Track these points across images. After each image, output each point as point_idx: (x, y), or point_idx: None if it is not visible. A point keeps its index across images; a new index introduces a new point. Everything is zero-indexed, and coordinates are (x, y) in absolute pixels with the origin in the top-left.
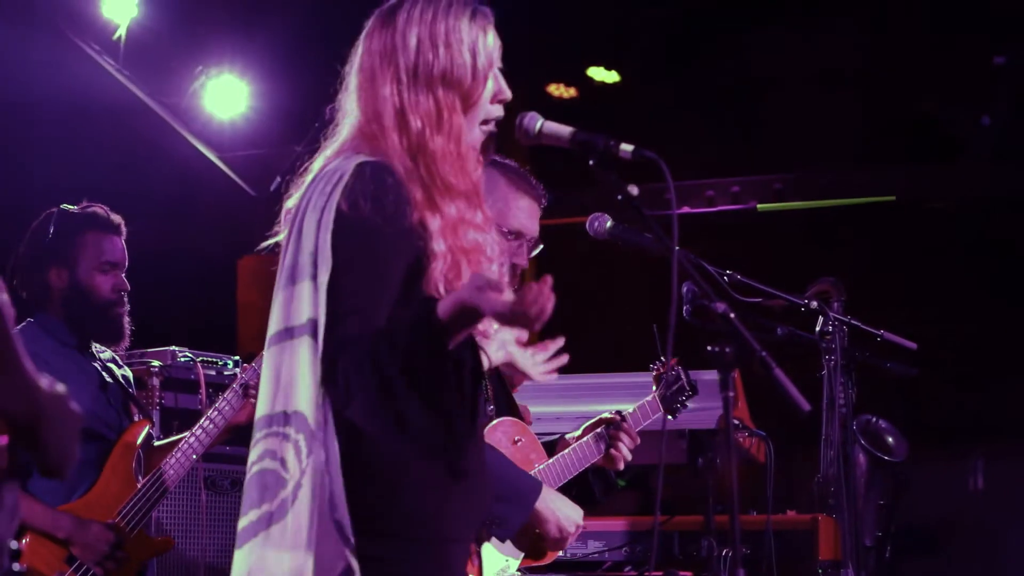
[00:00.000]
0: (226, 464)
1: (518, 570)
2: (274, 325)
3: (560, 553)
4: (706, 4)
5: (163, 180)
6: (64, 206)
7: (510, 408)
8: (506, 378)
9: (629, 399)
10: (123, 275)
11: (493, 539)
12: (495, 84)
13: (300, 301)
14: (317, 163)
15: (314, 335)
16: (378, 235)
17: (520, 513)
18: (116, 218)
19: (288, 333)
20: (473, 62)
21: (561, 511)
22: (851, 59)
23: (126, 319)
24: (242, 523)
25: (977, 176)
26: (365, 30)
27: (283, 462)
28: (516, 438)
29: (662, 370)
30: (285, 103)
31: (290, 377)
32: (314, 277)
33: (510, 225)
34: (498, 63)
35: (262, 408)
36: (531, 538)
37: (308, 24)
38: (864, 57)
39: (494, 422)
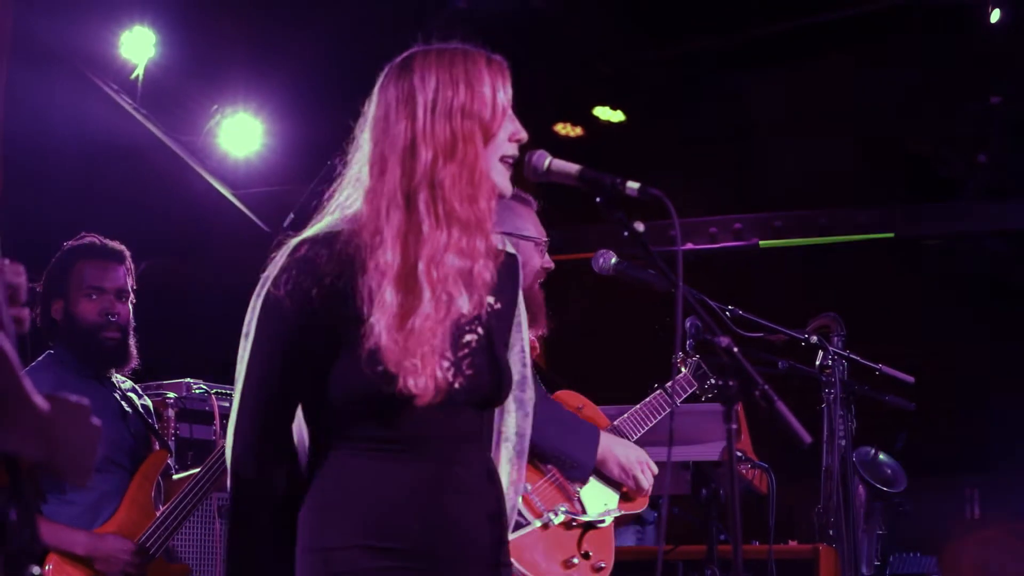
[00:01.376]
0: None
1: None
2: None
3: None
4: (708, 46)
5: (179, 216)
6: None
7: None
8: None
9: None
10: (117, 299)
11: (592, 480)
12: (512, 124)
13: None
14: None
15: None
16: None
17: (587, 456)
18: (114, 245)
19: None
20: (493, 97)
21: (620, 451)
22: (849, 100)
23: (129, 342)
24: None
25: (973, 213)
26: (379, 83)
27: None
28: (578, 406)
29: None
30: (299, 141)
31: None
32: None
33: (535, 233)
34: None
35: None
36: (612, 481)
37: (322, 63)
38: (863, 98)
39: (553, 393)
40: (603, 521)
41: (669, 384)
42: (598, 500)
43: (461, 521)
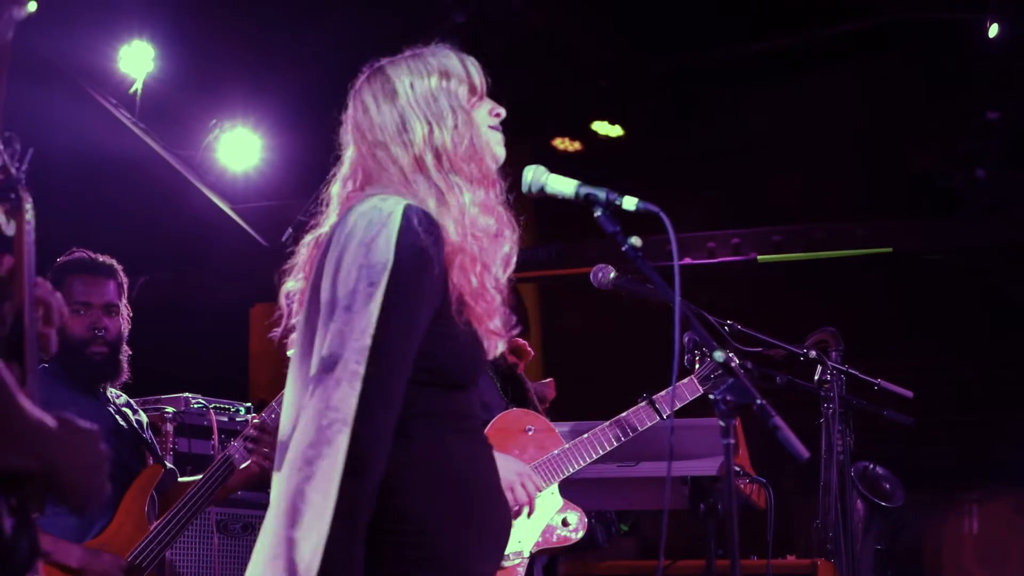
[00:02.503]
0: (238, 508)
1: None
2: (320, 352)
3: (572, 538)
4: (708, 61)
5: (178, 231)
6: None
7: (520, 401)
8: (522, 377)
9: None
10: (105, 314)
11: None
12: (488, 103)
13: (332, 336)
14: (333, 203)
15: (334, 366)
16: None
17: None
18: (104, 260)
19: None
20: (466, 73)
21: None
22: (849, 115)
23: (119, 357)
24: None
25: (972, 228)
26: (352, 92)
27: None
28: (527, 427)
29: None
30: (297, 155)
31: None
32: (354, 311)
33: None
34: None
35: (302, 441)
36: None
37: (320, 78)
38: (862, 113)
39: (504, 412)
40: (508, 559)
41: (657, 395)
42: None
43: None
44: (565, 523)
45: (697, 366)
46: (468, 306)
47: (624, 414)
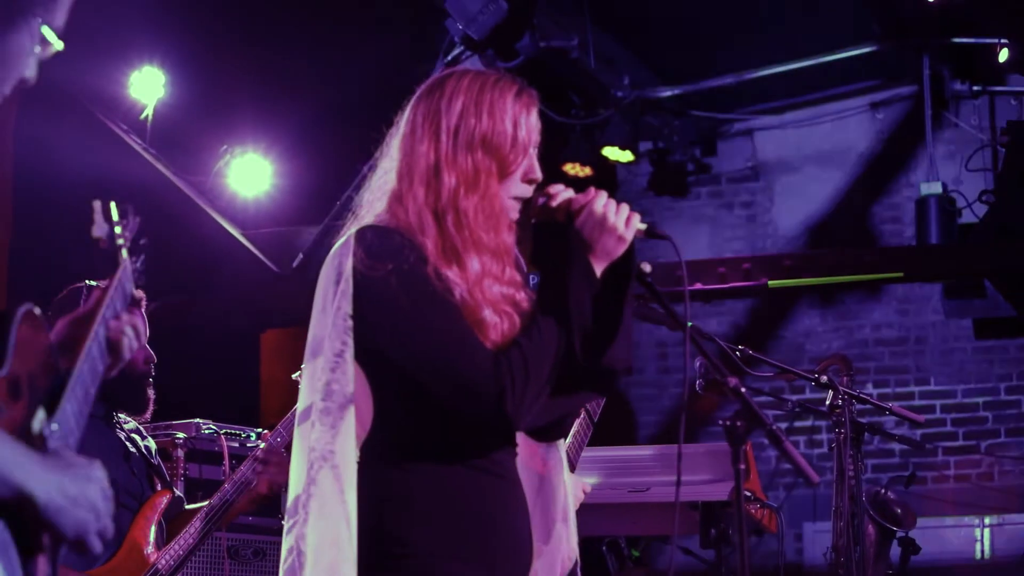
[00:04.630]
0: (249, 534)
1: None
2: (301, 402)
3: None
4: (717, 87)
5: (188, 256)
6: (90, 282)
7: None
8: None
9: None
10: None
11: None
12: (528, 162)
13: (307, 384)
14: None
15: (310, 410)
16: (411, 287)
17: None
18: (138, 293)
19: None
20: (514, 133)
21: None
22: (860, 140)
23: (151, 390)
24: None
25: (983, 252)
26: (413, 98)
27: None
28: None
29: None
30: (307, 181)
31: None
32: (318, 353)
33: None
34: (536, 141)
35: (295, 489)
36: None
37: (331, 103)
38: (872, 138)
39: None
40: None
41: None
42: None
43: None
44: None
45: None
46: None
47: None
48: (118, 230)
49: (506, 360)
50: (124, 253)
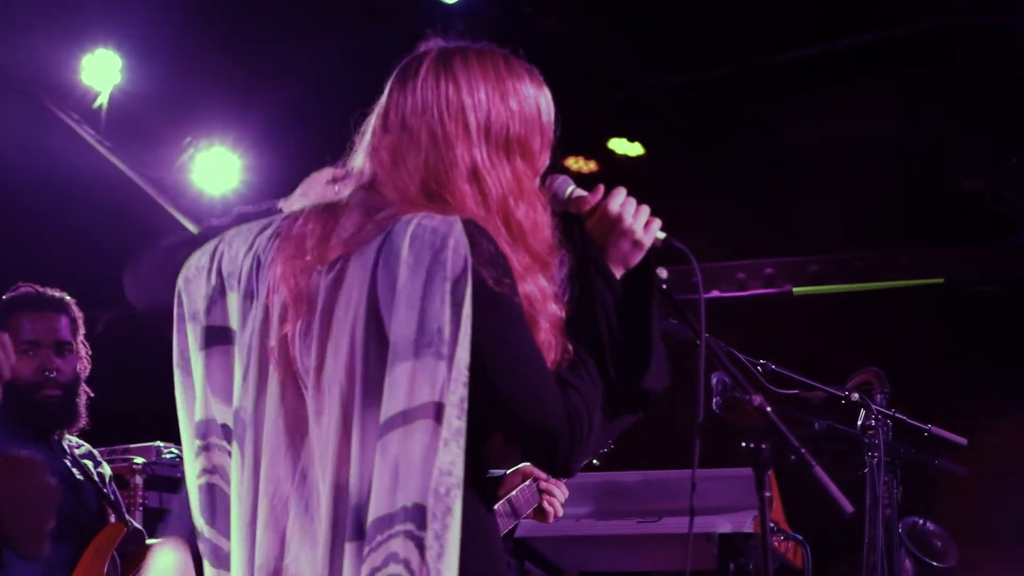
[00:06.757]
0: None
1: None
2: (390, 406)
3: None
4: (736, 70)
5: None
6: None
7: None
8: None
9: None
10: (56, 354)
11: None
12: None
13: (420, 381)
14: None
15: (438, 419)
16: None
17: None
18: (53, 294)
19: (404, 417)
20: (540, 122)
21: None
22: (893, 131)
23: (76, 400)
24: None
25: None
26: (419, 74)
27: (407, 564)
28: None
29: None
30: (281, 177)
31: (409, 467)
32: (448, 357)
33: None
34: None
35: (380, 507)
36: None
37: (307, 92)
38: (906, 129)
39: None
40: None
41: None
42: None
43: None
44: None
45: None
46: None
47: (513, 493)
48: None
49: (575, 412)
50: None
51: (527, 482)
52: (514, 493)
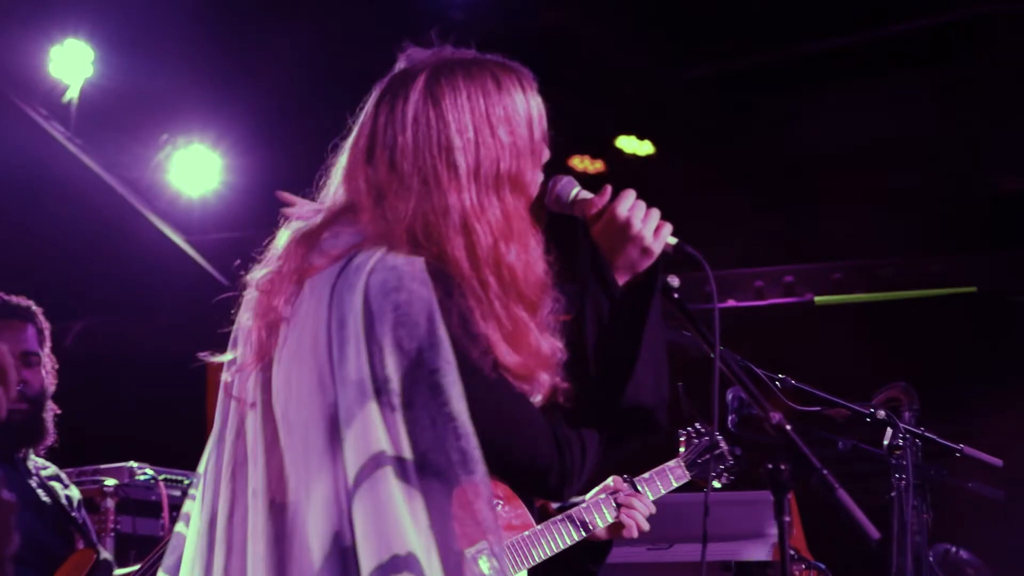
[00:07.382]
0: None
1: None
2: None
3: None
4: (753, 64)
5: (121, 267)
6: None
7: None
8: None
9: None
10: (24, 366)
11: None
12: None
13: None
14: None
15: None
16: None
17: None
18: (19, 302)
19: (376, 462)
20: (530, 140)
21: None
22: (924, 128)
23: (44, 416)
24: None
25: None
26: (408, 102)
27: None
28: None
29: (694, 436)
30: (264, 178)
31: (395, 515)
32: (400, 407)
33: None
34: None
35: (370, 559)
36: None
37: (291, 88)
38: (939, 125)
39: None
40: None
41: (640, 477)
42: None
43: None
44: None
45: (682, 448)
46: None
47: (583, 504)
48: None
49: (565, 442)
50: None
51: (600, 495)
52: (575, 508)
